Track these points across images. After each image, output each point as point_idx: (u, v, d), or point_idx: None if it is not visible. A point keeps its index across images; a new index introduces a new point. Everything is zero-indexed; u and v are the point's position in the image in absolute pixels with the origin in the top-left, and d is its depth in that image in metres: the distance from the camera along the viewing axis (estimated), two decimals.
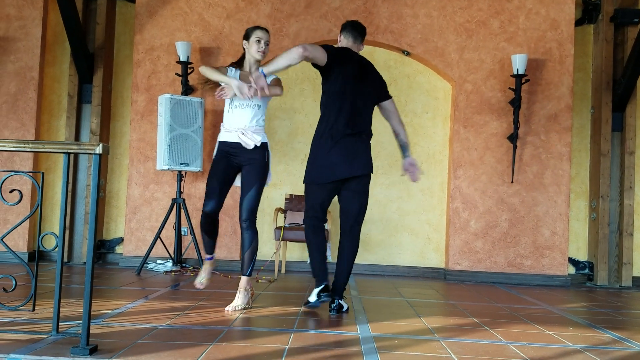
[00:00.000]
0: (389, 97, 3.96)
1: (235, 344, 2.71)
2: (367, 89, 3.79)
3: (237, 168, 3.78)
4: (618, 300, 5.06)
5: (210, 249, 3.94)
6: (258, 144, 3.72)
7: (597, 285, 6.08)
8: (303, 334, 3.01)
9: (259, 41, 3.77)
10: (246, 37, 3.83)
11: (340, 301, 3.66)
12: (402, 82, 6.35)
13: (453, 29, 6.13)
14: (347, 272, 3.73)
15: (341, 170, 3.66)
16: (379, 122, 6.27)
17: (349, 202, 3.76)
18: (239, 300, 3.67)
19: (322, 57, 3.57)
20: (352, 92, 3.70)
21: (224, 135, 3.77)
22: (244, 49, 3.86)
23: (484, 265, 5.96)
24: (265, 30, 3.84)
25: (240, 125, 3.73)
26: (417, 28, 6.14)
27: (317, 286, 3.63)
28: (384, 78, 6.44)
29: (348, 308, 3.72)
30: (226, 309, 3.60)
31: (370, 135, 3.85)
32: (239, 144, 3.71)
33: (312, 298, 3.62)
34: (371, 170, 3.79)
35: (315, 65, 3.66)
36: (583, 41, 6.43)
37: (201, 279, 4.00)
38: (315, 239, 3.74)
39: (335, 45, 3.83)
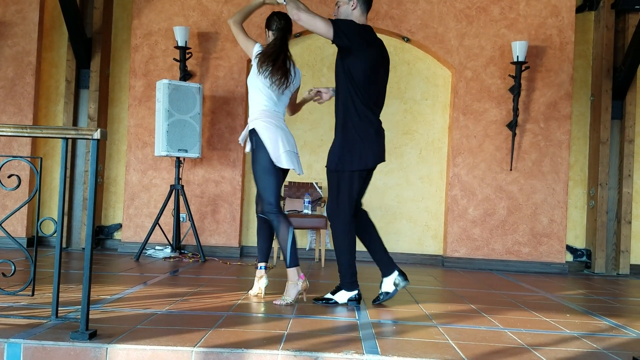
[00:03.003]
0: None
1: (234, 329, 2.72)
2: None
3: None
4: (615, 287, 5.08)
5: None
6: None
7: (594, 273, 6.11)
8: (302, 319, 3.02)
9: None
10: (268, 26, 3.64)
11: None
12: (401, 68, 6.32)
13: (453, 15, 6.09)
14: None
15: (382, 155, 3.59)
16: None
17: (363, 192, 3.70)
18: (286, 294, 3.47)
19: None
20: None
21: None
22: (266, 34, 3.66)
23: (482, 253, 5.97)
24: (287, 16, 3.59)
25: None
26: (417, 14, 6.10)
27: (351, 290, 3.51)
28: None
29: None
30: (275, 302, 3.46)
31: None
32: None
33: (342, 299, 3.51)
34: None
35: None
36: (584, 28, 6.40)
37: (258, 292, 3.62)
38: (351, 240, 3.50)
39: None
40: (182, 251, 5.84)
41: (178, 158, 5.66)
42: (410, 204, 6.30)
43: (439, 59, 6.24)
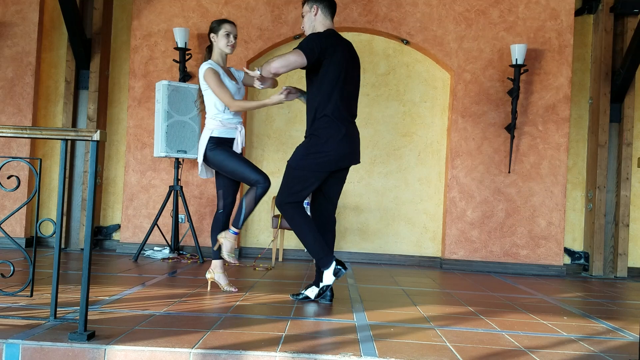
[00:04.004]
0: None
1: (232, 331, 2.72)
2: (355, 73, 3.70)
3: None
4: (613, 290, 5.10)
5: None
6: None
7: (592, 276, 6.12)
8: (300, 321, 3.03)
9: (227, 35, 3.81)
10: (213, 30, 3.83)
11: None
12: (400, 71, 6.34)
13: (452, 17, 6.10)
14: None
15: (350, 158, 3.60)
16: (377, 111, 6.29)
17: (334, 189, 3.68)
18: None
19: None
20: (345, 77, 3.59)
21: (223, 132, 3.76)
22: (211, 42, 3.86)
23: (480, 255, 5.98)
24: (233, 23, 3.87)
25: (237, 121, 3.84)
26: (416, 17, 6.12)
27: (329, 264, 3.45)
28: (383, 67, 6.43)
29: None
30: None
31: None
32: (234, 139, 3.79)
33: (329, 279, 3.47)
34: None
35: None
36: (582, 31, 6.42)
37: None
38: (306, 219, 3.54)
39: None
40: (181, 252, 5.85)
41: (177, 159, 5.67)
42: (408, 206, 6.31)
43: (438, 61, 6.25)
